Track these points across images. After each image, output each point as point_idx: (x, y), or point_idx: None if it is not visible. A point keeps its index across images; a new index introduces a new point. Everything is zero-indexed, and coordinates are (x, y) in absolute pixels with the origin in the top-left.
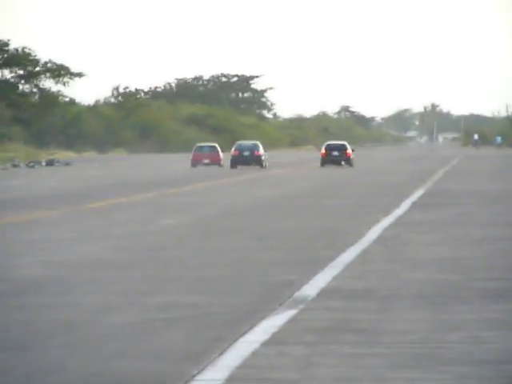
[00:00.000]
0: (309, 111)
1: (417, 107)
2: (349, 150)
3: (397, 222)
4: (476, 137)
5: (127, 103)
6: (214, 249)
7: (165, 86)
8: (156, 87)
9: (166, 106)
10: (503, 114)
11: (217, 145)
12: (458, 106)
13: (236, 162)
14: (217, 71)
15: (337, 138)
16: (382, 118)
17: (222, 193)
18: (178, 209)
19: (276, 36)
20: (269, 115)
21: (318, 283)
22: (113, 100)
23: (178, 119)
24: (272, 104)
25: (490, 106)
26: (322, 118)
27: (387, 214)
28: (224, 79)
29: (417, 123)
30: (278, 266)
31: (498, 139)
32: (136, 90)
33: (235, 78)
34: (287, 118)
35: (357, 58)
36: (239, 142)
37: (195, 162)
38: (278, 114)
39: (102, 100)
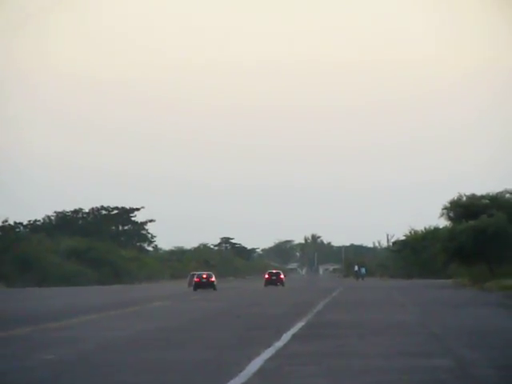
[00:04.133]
0: (189, 243)
1: (298, 238)
2: (282, 276)
3: (277, 353)
4: (357, 268)
5: (6, 237)
6: None
7: (44, 220)
8: (35, 220)
9: (46, 239)
10: (384, 244)
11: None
12: (338, 236)
13: (197, 286)
14: (97, 204)
15: (218, 270)
16: (263, 250)
17: (103, 327)
18: (57, 343)
19: (155, 169)
20: (149, 248)
21: None
22: None
23: (58, 252)
24: (153, 236)
25: (370, 236)
26: (203, 250)
27: (268, 346)
28: (104, 212)
29: (298, 254)
30: None
31: (363, 270)
32: (15, 223)
33: (115, 211)
34: (168, 250)
35: (237, 190)
36: (198, 273)
37: (190, 284)
38: (158, 246)
39: None
